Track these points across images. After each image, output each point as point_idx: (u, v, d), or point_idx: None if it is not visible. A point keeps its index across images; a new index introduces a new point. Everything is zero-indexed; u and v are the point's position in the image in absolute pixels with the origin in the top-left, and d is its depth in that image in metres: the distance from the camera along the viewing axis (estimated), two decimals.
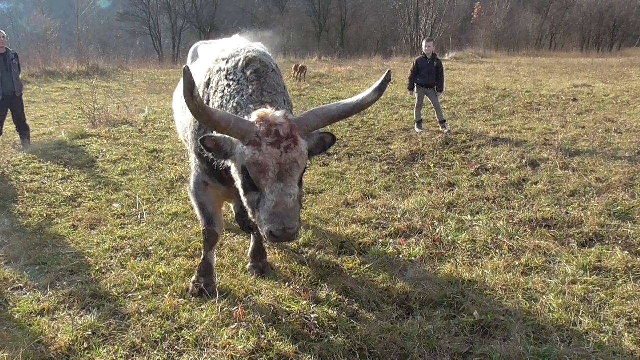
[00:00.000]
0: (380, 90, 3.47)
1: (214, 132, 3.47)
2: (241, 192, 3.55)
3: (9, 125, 12.15)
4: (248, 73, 3.79)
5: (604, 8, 51.11)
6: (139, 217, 6.12)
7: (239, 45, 4.14)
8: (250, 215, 3.56)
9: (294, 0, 56.82)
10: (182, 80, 3.19)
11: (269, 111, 3.39)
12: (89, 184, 7.34)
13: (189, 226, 5.81)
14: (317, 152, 3.60)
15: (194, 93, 3.17)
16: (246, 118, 3.44)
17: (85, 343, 3.67)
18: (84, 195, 6.88)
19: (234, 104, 3.70)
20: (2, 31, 9.71)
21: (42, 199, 6.70)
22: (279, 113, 3.39)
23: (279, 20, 53.29)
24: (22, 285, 4.53)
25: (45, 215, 6.16)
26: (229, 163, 3.55)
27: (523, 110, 12.55)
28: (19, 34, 35.83)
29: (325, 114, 3.49)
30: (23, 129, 10.09)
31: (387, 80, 3.41)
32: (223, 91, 3.83)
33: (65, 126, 11.55)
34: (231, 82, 3.82)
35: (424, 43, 11.18)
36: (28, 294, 4.40)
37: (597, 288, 4.29)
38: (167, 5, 49.09)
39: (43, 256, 5.08)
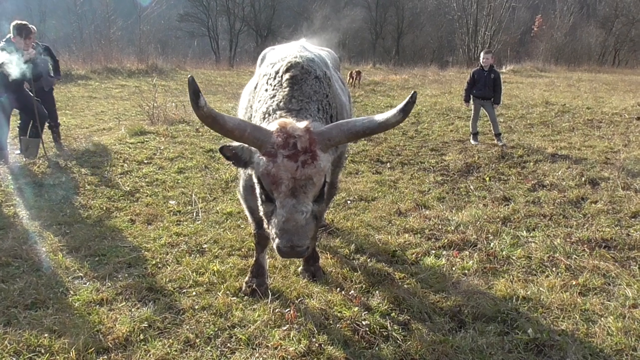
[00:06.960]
0: (405, 111, 3.21)
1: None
2: (258, 201, 3.46)
3: (71, 119, 12.65)
4: (284, 78, 3.68)
5: None
6: (195, 214, 6.24)
7: (293, 50, 4.07)
8: (265, 225, 3.45)
9: (351, 7, 56.90)
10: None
11: (289, 121, 3.24)
12: (146, 179, 7.54)
13: (243, 226, 5.88)
14: (332, 167, 3.43)
15: (200, 102, 3.06)
16: (268, 126, 3.32)
17: (141, 335, 3.76)
18: (141, 190, 7.07)
19: (264, 109, 3.60)
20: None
21: (102, 192, 6.91)
22: (300, 124, 3.21)
23: (336, 26, 53.48)
24: (82, 274, 4.68)
25: (104, 208, 6.36)
26: (249, 171, 3.46)
27: (583, 127, 12.21)
28: (83, 32, 37.04)
29: (350, 129, 3.23)
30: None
31: (411, 102, 3.17)
32: (261, 95, 3.76)
33: (125, 122, 11.87)
34: (269, 87, 3.74)
35: (481, 55, 11.00)
36: (88, 283, 4.54)
37: None
38: (226, 7, 49.89)
39: (102, 248, 5.23)
